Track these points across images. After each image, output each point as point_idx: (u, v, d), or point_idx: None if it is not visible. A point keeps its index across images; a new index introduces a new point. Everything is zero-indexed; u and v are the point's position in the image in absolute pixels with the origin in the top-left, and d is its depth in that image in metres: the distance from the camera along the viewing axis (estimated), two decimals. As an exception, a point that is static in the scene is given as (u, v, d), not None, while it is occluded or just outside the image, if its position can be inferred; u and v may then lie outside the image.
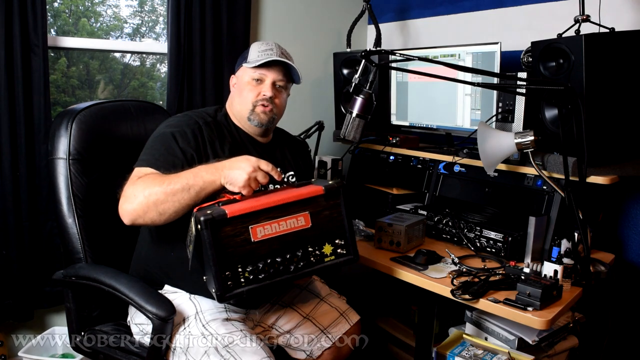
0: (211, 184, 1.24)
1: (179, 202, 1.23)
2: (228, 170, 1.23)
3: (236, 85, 1.58)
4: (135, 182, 1.29)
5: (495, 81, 1.78)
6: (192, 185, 1.23)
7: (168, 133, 1.42)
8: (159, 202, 1.22)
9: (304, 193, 1.27)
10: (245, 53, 1.58)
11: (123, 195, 1.27)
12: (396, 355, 2.20)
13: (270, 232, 1.23)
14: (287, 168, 1.63)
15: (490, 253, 1.67)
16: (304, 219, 1.27)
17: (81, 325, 1.50)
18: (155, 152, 1.38)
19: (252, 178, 1.23)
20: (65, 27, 2.25)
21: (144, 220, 1.25)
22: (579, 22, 1.66)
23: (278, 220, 1.23)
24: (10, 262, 1.95)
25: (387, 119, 2.34)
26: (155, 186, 1.23)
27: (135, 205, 1.24)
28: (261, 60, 1.49)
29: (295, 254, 1.26)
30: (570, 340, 1.75)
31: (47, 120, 1.94)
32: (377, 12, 2.59)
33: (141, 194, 1.24)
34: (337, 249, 1.32)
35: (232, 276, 1.19)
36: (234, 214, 1.17)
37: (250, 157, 1.26)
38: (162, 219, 1.25)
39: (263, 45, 1.55)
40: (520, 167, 1.76)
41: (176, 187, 1.22)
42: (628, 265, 1.88)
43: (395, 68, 2.03)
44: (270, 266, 1.23)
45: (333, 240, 1.32)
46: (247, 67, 1.53)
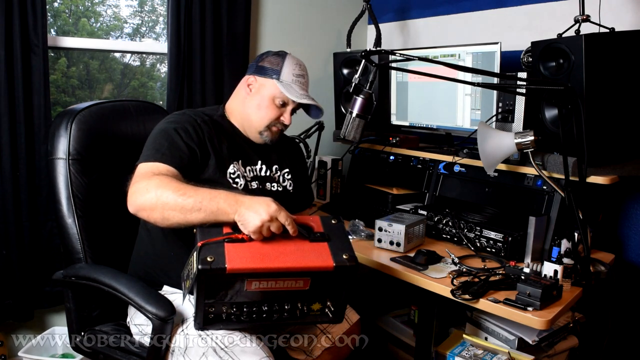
0: (224, 215, 1.18)
1: (184, 218, 1.19)
2: (245, 209, 1.17)
3: (255, 92, 1.53)
4: (151, 177, 1.26)
5: (495, 81, 1.78)
6: (205, 207, 1.18)
7: (170, 129, 1.41)
8: (167, 207, 1.19)
9: (312, 265, 1.18)
10: (272, 61, 1.52)
11: (135, 187, 1.25)
12: (396, 355, 2.20)
13: (265, 287, 1.18)
14: (282, 167, 1.63)
15: (490, 253, 1.67)
16: (303, 282, 1.21)
17: (81, 326, 1.49)
18: (160, 147, 1.36)
19: (266, 227, 1.17)
20: (65, 27, 2.25)
21: (148, 217, 1.23)
22: (579, 22, 1.66)
23: (276, 280, 1.18)
24: (10, 262, 1.95)
25: (387, 119, 2.34)
26: (170, 190, 1.20)
27: (145, 201, 1.21)
28: (298, 98, 1.48)
29: (283, 307, 1.23)
30: (570, 340, 1.75)
31: (47, 120, 1.94)
32: (377, 12, 2.59)
33: (153, 192, 1.21)
34: (325, 309, 1.28)
35: (215, 311, 1.19)
36: (233, 270, 1.11)
37: (272, 204, 1.19)
38: (165, 224, 1.23)
39: (297, 69, 1.53)
40: (520, 167, 1.76)
41: (188, 202, 1.18)
42: (628, 265, 1.87)
43: (395, 68, 2.03)
44: (254, 312, 1.22)
45: (324, 301, 1.27)
46: (277, 85, 1.50)
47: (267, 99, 1.51)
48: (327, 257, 1.19)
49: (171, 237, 1.42)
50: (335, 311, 1.29)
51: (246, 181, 1.50)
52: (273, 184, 1.59)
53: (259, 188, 1.53)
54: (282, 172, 1.63)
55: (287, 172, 1.64)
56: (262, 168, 1.57)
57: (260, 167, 1.57)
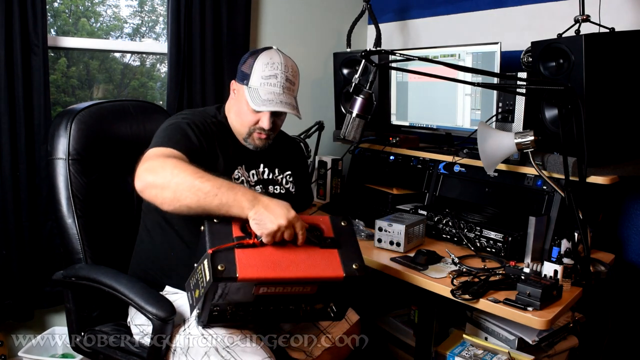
0: (239, 208, 1.16)
1: (197, 202, 1.15)
2: (263, 209, 1.15)
3: (236, 98, 1.49)
4: (167, 158, 1.23)
5: (495, 81, 1.78)
6: (222, 195, 1.15)
7: (182, 122, 1.40)
8: (181, 187, 1.16)
9: (322, 276, 1.17)
10: (248, 64, 1.45)
11: (148, 164, 1.22)
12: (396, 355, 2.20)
13: (272, 291, 1.17)
14: (284, 169, 1.63)
15: (490, 253, 1.67)
16: (310, 288, 1.20)
17: (81, 326, 1.49)
18: (172, 136, 1.34)
19: (280, 233, 1.16)
20: (65, 27, 2.25)
21: (156, 196, 1.19)
22: (579, 22, 1.66)
23: (285, 287, 1.17)
24: (10, 262, 1.95)
25: (387, 119, 2.34)
26: (187, 172, 1.17)
27: (157, 178, 1.18)
28: (257, 105, 1.40)
29: (287, 308, 1.24)
30: (570, 340, 1.75)
31: (47, 120, 1.94)
32: (377, 12, 2.59)
33: (169, 170, 1.18)
34: (327, 308, 1.28)
35: (220, 309, 1.19)
36: (244, 280, 1.10)
37: (291, 210, 1.18)
38: (173, 206, 1.18)
39: (268, 69, 1.42)
40: (520, 167, 1.76)
41: (205, 186, 1.15)
42: (628, 265, 1.87)
43: (395, 68, 2.03)
44: (259, 312, 1.22)
45: (328, 302, 1.27)
46: (245, 91, 1.43)
47: (244, 105, 1.45)
48: (337, 266, 1.18)
49: (172, 237, 1.42)
50: (338, 312, 1.30)
51: (250, 186, 1.50)
52: (276, 186, 1.59)
53: (262, 192, 1.53)
54: (285, 174, 1.62)
55: (290, 175, 1.64)
56: (264, 171, 1.57)
57: (263, 169, 1.57)
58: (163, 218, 1.45)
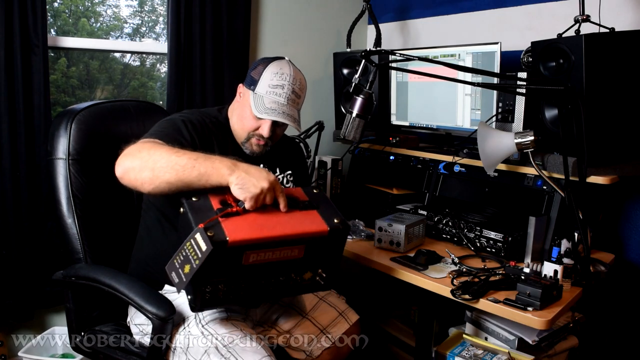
0: (218, 175, 1.17)
1: (176, 176, 1.16)
2: (244, 173, 1.18)
3: (241, 101, 1.51)
4: (143, 143, 1.25)
5: (495, 81, 1.78)
6: (200, 165, 1.17)
7: (177, 119, 1.42)
8: (158, 164, 1.17)
9: (308, 231, 1.21)
10: (258, 70, 1.47)
11: (126, 150, 1.24)
12: (396, 355, 2.20)
13: (261, 259, 1.18)
14: (284, 169, 1.63)
15: (490, 253, 1.67)
16: (298, 250, 1.22)
17: (81, 326, 1.49)
18: (162, 130, 1.37)
19: (263, 195, 1.18)
20: (65, 27, 2.25)
21: (135, 179, 1.20)
22: (579, 22, 1.66)
23: (273, 250, 1.19)
24: (10, 262, 1.95)
25: (387, 119, 2.34)
26: (163, 150, 1.20)
27: (134, 160, 1.20)
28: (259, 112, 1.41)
29: (278, 279, 1.25)
30: (570, 340, 1.75)
31: (47, 120, 1.94)
32: (377, 12, 2.59)
33: (145, 152, 1.20)
34: (316, 277, 1.30)
35: (212, 291, 1.18)
36: (235, 243, 1.11)
37: (271, 174, 1.21)
38: (152, 185, 1.18)
39: (276, 78, 1.44)
40: (520, 167, 1.76)
41: (181, 159, 1.17)
42: (628, 265, 1.87)
43: (395, 68, 2.03)
44: (250, 287, 1.23)
45: (316, 269, 1.29)
46: (251, 96, 1.45)
47: (247, 110, 1.46)
48: (320, 222, 1.24)
49: (171, 237, 1.42)
50: (327, 278, 1.32)
51: None
52: None
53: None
54: (285, 173, 1.63)
55: (290, 174, 1.64)
56: None
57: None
58: (162, 215, 1.45)
